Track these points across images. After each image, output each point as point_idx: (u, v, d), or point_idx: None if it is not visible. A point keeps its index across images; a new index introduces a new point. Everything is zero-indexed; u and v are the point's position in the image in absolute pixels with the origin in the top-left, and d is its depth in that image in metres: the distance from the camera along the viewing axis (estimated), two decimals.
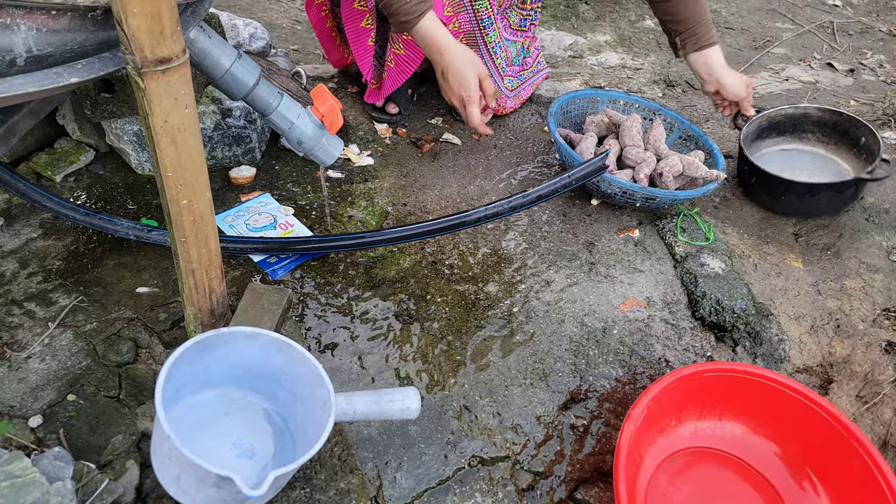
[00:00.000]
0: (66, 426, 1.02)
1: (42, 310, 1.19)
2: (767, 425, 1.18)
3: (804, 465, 1.15)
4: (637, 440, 1.08)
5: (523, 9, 1.69)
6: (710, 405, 1.19)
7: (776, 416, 1.16)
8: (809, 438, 1.14)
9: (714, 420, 1.19)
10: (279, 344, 0.97)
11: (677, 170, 1.52)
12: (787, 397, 1.14)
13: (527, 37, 1.78)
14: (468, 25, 1.59)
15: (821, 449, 1.13)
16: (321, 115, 1.23)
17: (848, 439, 1.09)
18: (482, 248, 1.45)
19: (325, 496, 0.99)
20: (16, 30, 0.75)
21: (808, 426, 1.13)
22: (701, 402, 1.18)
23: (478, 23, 1.57)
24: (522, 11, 1.69)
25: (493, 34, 1.60)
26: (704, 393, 1.17)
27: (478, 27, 1.58)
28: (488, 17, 1.56)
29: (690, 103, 2.12)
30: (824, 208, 1.63)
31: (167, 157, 0.85)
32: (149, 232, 1.28)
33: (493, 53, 1.63)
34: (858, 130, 1.70)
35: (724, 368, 1.16)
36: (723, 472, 1.17)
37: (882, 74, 2.38)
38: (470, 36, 1.61)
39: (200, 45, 1.06)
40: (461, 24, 1.59)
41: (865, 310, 1.48)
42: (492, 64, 1.66)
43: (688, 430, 1.19)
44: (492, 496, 1.07)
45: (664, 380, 1.11)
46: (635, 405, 1.07)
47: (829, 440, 1.11)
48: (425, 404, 1.15)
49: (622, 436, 1.02)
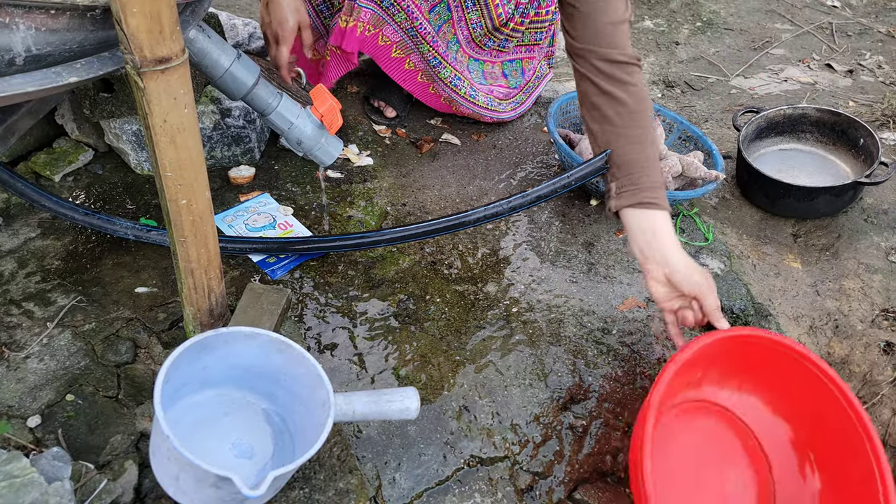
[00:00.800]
0: (64, 426, 1.02)
1: (41, 310, 1.19)
2: (783, 401, 1.15)
3: (807, 447, 1.13)
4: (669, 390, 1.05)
5: (499, 32, 1.65)
6: (731, 372, 1.16)
7: (796, 392, 1.13)
8: (821, 424, 1.11)
9: (732, 389, 1.17)
10: (278, 344, 0.97)
11: (676, 170, 1.52)
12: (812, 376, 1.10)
13: (519, 56, 1.76)
14: (421, 64, 1.62)
15: (829, 437, 1.10)
16: (321, 115, 1.23)
17: (861, 436, 1.06)
18: (481, 249, 1.45)
19: (324, 496, 0.99)
20: (14, 29, 0.74)
21: (823, 412, 1.10)
22: (724, 367, 1.15)
23: (427, 63, 1.59)
24: (499, 35, 1.65)
25: (445, 71, 1.61)
26: (728, 357, 1.13)
27: (428, 66, 1.60)
28: (433, 57, 1.58)
29: (689, 104, 2.13)
30: (823, 210, 1.64)
31: (166, 156, 0.85)
32: (148, 232, 1.28)
33: (454, 86, 1.65)
34: (857, 131, 1.71)
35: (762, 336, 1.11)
36: (724, 429, 1.16)
37: (881, 75, 2.38)
38: (426, 73, 1.65)
39: (200, 45, 1.06)
40: (415, 64, 1.62)
41: (864, 310, 1.49)
42: (457, 95, 1.66)
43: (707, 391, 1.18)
44: (491, 496, 1.07)
45: (703, 339, 1.06)
46: (682, 350, 1.04)
47: (840, 431, 1.09)
48: (424, 404, 1.15)
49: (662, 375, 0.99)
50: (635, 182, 1.16)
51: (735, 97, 2.19)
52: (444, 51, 1.59)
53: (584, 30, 1.17)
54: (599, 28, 1.15)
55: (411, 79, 1.66)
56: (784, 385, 1.15)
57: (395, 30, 1.53)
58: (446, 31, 1.59)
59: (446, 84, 1.63)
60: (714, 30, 2.64)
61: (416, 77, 1.66)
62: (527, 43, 1.74)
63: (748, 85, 2.27)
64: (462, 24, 1.59)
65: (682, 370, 1.05)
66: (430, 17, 1.54)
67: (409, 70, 1.64)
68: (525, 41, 1.73)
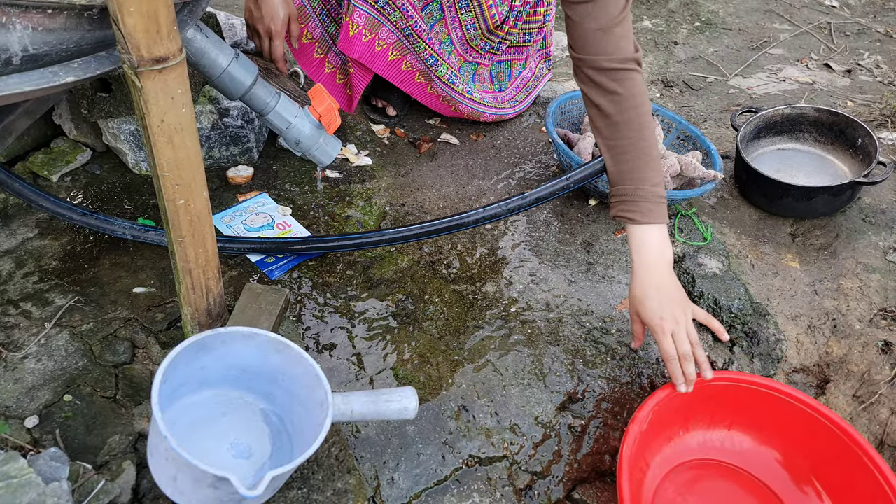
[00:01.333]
0: (62, 426, 1.02)
1: (38, 310, 1.19)
2: (774, 436, 1.17)
3: (809, 474, 1.14)
4: (642, 446, 1.07)
5: (493, 35, 1.64)
6: (720, 416, 1.18)
7: (782, 426, 1.16)
8: (815, 449, 1.13)
9: (723, 430, 1.19)
10: (276, 344, 0.97)
11: (675, 170, 1.52)
12: (793, 408, 1.13)
13: (508, 58, 1.76)
14: (418, 65, 1.62)
15: (826, 459, 1.12)
16: (319, 115, 1.22)
17: (853, 448, 1.08)
18: (480, 248, 1.45)
19: (322, 496, 0.99)
20: (11, 28, 0.74)
21: (813, 437, 1.13)
22: (710, 412, 1.17)
23: (423, 62, 1.59)
24: (494, 38, 1.65)
25: (442, 69, 1.61)
26: (713, 402, 1.15)
27: (425, 65, 1.60)
28: (430, 55, 1.58)
29: (688, 103, 2.13)
30: (821, 210, 1.64)
31: (164, 156, 0.85)
32: (146, 232, 1.28)
33: (451, 84, 1.65)
34: (855, 131, 1.71)
35: (733, 378, 1.15)
36: (729, 484, 1.16)
37: (879, 75, 2.38)
38: (423, 73, 1.64)
39: (197, 45, 1.06)
40: (412, 65, 1.62)
41: (862, 310, 1.49)
42: (454, 92, 1.66)
43: (696, 440, 1.18)
44: (489, 496, 1.07)
45: (669, 387, 1.10)
46: (641, 408, 1.06)
47: (833, 451, 1.11)
48: (423, 404, 1.14)
49: (626, 438, 1.02)
50: (616, 194, 1.17)
51: (733, 97, 2.19)
52: (439, 49, 1.59)
53: (576, 39, 1.16)
54: (588, 36, 1.14)
55: (409, 80, 1.66)
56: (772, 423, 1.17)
57: (391, 30, 1.53)
58: (439, 31, 1.59)
59: (444, 82, 1.63)
60: (712, 30, 2.64)
61: (414, 77, 1.66)
62: (516, 44, 1.74)
63: (746, 85, 2.27)
64: (455, 25, 1.59)
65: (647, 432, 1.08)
66: (423, 14, 1.54)
67: (406, 71, 1.64)
68: (514, 42, 1.73)
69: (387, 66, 1.60)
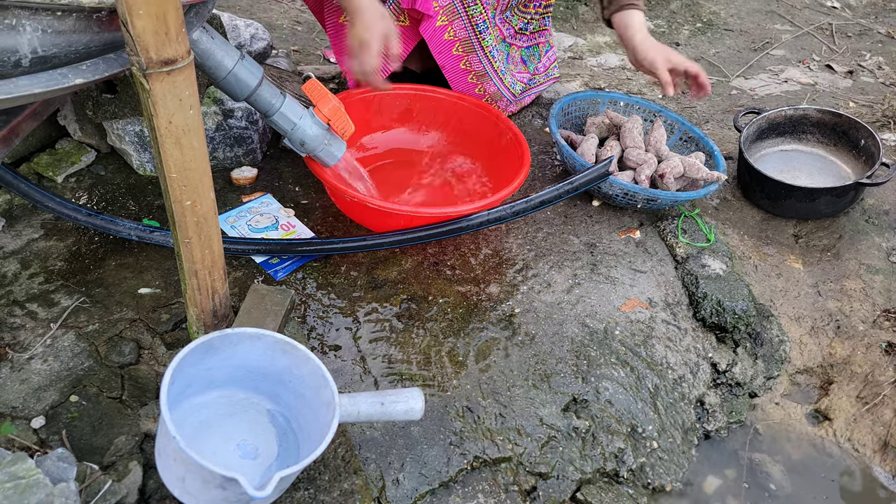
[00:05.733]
0: (68, 427, 1.02)
1: (44, 311, 1.19)
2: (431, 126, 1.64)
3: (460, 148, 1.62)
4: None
5: (525, 12, 1.69)
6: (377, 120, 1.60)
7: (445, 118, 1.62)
8: (464, 129, 1.60)
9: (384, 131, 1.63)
10: (283, 345, 0.97)
11: (678, 171, 1.52)
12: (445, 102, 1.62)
13: (535, 42, 1.78)
14: (463, 33, 1.61)
15: (473, 136, 1.60)
16: (327, 119, 1.22)
17: (496, 122, 1.55)
18: (484, 250, 1.45)
19: (328, 497, 0.99)
20: (21, 31, 0.75)
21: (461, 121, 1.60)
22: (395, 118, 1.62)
23: (473, 28, 1.58)
24: (525, 15, 1.69)
25: (489, 38, 1.61)
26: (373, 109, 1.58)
27: (473, 32, 1.59)
28: (483, 21, 1.57)
29: (691, 105, 2.13)
30: (824, 211, 1.64)
31: (171, 158, 0.86)
32: (151, 233, 1.28)
33: (492, 57, 1.64)
34: (858, 132, 1.71)
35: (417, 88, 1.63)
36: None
37: (881, 76, 2.39)
38: (466, 42, 1.62)
39: (204, 46, 1.06)
40: (456, 32, 1.61)
41: (865, 311, 1.49)
42: (490, 67, 1.66)
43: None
44: (494, 497, 1.07)
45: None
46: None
47: (478, 127, 1.58)
48: (428, 405, 1.14)
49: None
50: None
51: (735, 98, 2.19)
52: (491, 16, 1.60)
53: None
54: None
55: (447, 50, 1.63)
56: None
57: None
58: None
59: (486, 53, 1.62)
60: (714, 31, 2.65)
61: (452, 49, 1.63)
62: (537, 29, 1.77)
63: (748, 86, 2.28)
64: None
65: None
66: None
67: (447, 41, 1.60)
68: (536, 28, 1.75)
69: (433, 31, 1.59)
